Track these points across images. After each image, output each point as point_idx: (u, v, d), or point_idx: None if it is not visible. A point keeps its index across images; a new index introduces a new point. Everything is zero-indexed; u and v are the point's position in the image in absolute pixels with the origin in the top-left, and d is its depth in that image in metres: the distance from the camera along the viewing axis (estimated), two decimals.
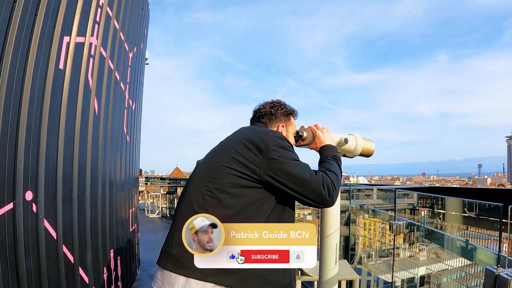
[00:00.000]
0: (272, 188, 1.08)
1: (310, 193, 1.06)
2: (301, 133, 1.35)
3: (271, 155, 1.07)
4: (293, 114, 1.39)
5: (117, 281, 3.09)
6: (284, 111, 1.36)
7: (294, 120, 1.40)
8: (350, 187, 4.06)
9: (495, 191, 10.58)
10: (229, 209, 1.05)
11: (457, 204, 3.06)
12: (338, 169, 1.16)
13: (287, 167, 1.06)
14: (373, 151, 1.21)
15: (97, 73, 2.58)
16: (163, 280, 1.06)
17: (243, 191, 1.07)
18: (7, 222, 1.69)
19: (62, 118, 2.13)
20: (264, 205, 1.09)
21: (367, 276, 3.53)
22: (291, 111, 1.38)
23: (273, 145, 1.09)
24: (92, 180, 2.54)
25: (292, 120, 1.38)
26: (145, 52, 4.79)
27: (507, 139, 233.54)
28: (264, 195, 1.08)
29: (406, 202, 3.91)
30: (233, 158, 1.09)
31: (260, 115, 1.33)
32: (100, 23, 2.63)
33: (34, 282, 1.85)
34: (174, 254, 1.05)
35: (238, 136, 1.18)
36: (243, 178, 1.07)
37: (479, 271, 2.09)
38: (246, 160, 1.08)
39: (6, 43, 1.68)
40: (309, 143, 1.31)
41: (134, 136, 4.22)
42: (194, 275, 1.00)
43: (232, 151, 1.10)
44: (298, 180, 1.05)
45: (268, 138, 1.11)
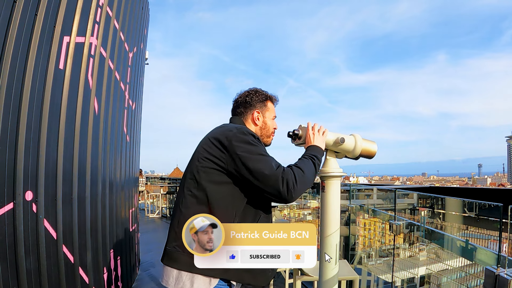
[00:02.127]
0: (242, 182, 1.14)
1: (268, 188, 1.10)
2: (297, 131, 1.36)
3: (235, 150, 1.13)
4: (270, 100, 1.40)
5: (117, 281, 3.09)
6: (260, 98, 1.38)
7: (274, 105, 1.41)
8: (350, 187, 4.05)
9: (495, 191, 10.58)
10: (204, 205, 1.14)
11: (457, 204, 3.06)
12: (309, 167, 1.17)
13: (249, 162, 1.11)
14: (374, 153, 1.20)
15: (97, 73, 2.58)
16: (163, 274, 1.18)
17: (217, 187, 1.15)
18: (7, 222, 1.69)
19: (62, 118, 2.13)
20: (238, 198, 1.15)
21: (367, 276, 3.53)
22: (267, 97, 1.40)
23: (236, 141, 1.15)
24: (92, 180, 2.54)
25: (269, 105, 1.40)
26: (145, 52, 4.79)
27: (507, 139, 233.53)
28: (237, 189, 1.15)
29: (406, 202, 3.91)
30: (204, 157, 1.18)
31: (237, 105, 1.40)
32: (100, 23, 2.63)
33: (34, 282, 1.85)
34: (168, 250, 1.17)
35: (208, 135, 1.26)
36: (215, 174, 1.15)
37: (479, 271, 2.09)
38: (214, 158, 1.16)
39: (6, 43, 1.68)
40: (303, 142, 1.31)
41: (134, 136, 4.22)
42: (184, 268, 1.11)
43: (203, 150, 1.19)
44: (258, 175, 1.10)
45: (232, 135, 1.16)
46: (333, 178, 1.14)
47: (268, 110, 1.39)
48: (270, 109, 1.40)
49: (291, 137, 1.37)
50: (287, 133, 1.38)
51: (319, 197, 1.39)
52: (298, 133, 1.34)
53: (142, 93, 4.77)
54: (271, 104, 1.40)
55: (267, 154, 1.18)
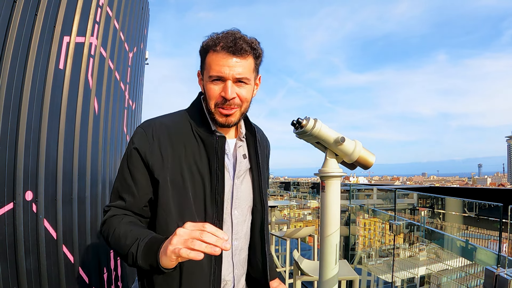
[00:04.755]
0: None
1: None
2: (301, 119, 1.00)
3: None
4: (210, 48, 0.88)
5: (117, 281, 3.09)
6: (200, 53, 0.92)
7: (216, 53, 0.86)
8: (350, 187, 4.06)
9: (495, 191, 10.57)
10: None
11: (457, 204, 3.05)
12: (124, 244, 0.81)
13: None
14: (371, 164, 1.19)
15: (97, 73, 2.58)
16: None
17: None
18: (7, 222, 1.69)
19: (62, 118, 2.13)
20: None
21: (367, 276, 3.53)
22: (204, 47, 0.90)
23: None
24: (92, 180, 2.54)
25: (208, 58, 0.89)
26: (145, 52, 4.79)
27: (507, 139, 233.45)
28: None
29: (406, 202, 3.91)
30: None
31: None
32: (100, 23, 2.63)
33: (34, 282, 1.85)
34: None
35: None
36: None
37: (479, 271, 2.09)
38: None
39: (6, 43, 1.68)
40: (304, 132, 1.04)
41: None
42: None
43: None
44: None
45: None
46: (333, 178, 1.13)
47: (206, 68, 0.90)
48: (208, 64, 0.88)
49: (294, 126, 1.17)
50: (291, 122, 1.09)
51: (319, 197, 1.39)
52: (301, 122, 1.15)
53: (142, 93, 4.77)
54: (211, 56, 0.87)
55: (121, 177, 0.90)
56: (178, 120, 0.95)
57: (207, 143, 0.91)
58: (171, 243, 0.70)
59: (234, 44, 0.85)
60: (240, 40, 0.86)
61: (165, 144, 0.89)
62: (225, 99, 0.88)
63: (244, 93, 0.90)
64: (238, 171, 0.99)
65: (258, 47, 0.92)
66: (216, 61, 0.86)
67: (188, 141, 0.91)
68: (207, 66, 0.89)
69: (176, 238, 0.70)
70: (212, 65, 0.87)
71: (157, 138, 0.89)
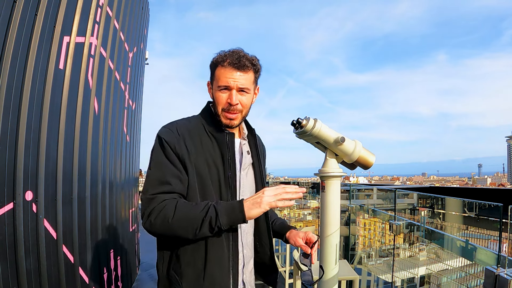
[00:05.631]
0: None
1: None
2: (301, 120, 1.08)
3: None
4: (219, 63, 1.07)
5: (117, 281, 3.09)
6: (211, 66, 1.12)
7: (224, 68, 1.06)
8: (350, 187, 4.06)
9: (495, 191, 10.58)
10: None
11: (457, 204, 3.06)
12: (195, 214, 0.94)
13: (146, 177, 1.05)
14: (371, 164, 1.19)
15: (97, 73, 2.58)
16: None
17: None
18: (7, 222, 1.69)
19: (62, 118, 2.13)
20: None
21: (367, 276, 3.53)
22: (214, 62, 1.09)
23: (153, 148, 1.07)
24: (92, 180, 2.54)
25: (218, 72, 1.07)
26: (145, 52, 4.79)
27: (507, 139, 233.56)
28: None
29: (406, 202, 3.91)
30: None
31: None
32: (100, 23, 2.63)
33: (34, 282, 1.85)
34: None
35: None
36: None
37: (479, 271, 2.09)
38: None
39: (6, 43, 1.68)
40: (303, 132, 1.11)
41: (134, 136, 4.23)
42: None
43: None
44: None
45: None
46: (333, 178, 1.13)
47: (215, 80, 1.09)
48: (217, 76, 1.08)
49: (294, 126, 1.18)
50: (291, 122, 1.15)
51: (319, 197, 1.39)
52: (301, 122, 1.09)
53: (142, 93, 4.78)
54: (220, 70, 1.07)
55: (160, 167, 1.02)
56: (193, 122, 1.13)
57: (219, 139, 1.10)
58: (262, 200, 0.94)
59: (238, 61, 1.05)
60: (243, 58, 1.07)
61: (188, 140, 1.06)
62: (230, 105, 1.08)
63: (245, 100, 1.11)
64: (244, 164, 1.16)
65: (258, 64, 1.12)
66: (224, 74, 1.07)
67: (203, 138, 1.10)
68: (216, 78, 1.09)
69: (267, 194, 0.95)
70: (220, 77, 1.07)
71: (181, 134, 1.06)
